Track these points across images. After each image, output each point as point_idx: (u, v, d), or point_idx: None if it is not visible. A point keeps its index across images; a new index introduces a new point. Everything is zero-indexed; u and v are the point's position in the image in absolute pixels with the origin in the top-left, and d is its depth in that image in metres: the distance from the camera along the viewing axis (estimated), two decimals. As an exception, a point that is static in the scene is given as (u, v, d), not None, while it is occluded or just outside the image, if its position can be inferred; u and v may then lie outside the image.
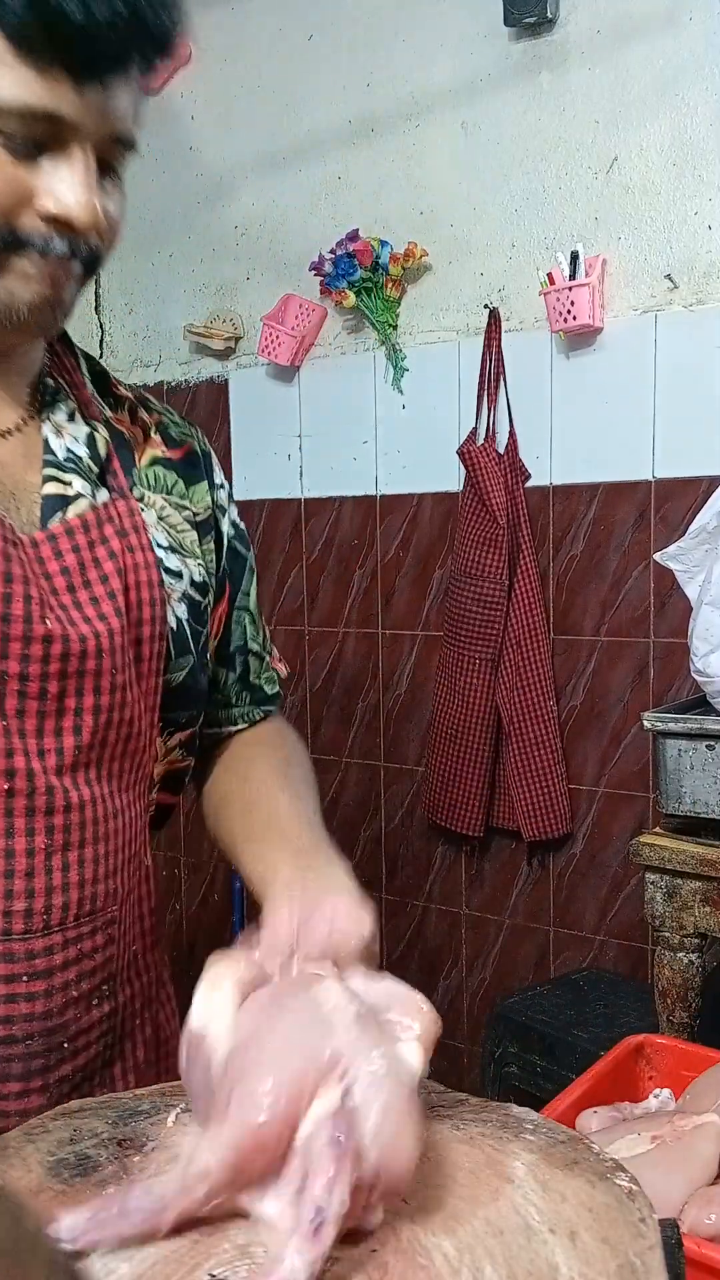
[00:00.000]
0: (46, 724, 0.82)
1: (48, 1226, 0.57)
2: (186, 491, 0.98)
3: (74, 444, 0.89)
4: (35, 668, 0.80)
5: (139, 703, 0.89)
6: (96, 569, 0.85)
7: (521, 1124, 0.75)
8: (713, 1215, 1.03)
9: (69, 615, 0.83)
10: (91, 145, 0.76)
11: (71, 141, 0.75)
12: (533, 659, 2.60)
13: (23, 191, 0.75)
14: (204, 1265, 0.58)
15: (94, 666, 0.84)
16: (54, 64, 0.71)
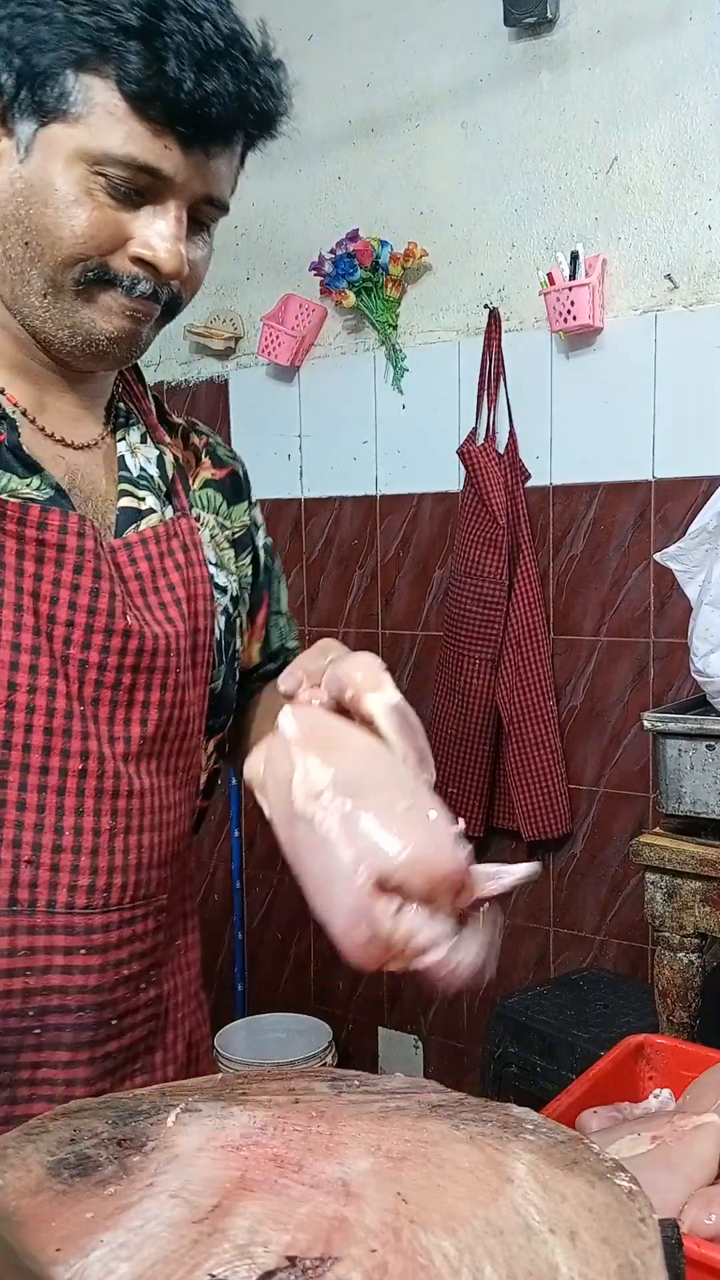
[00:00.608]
0: (117, 713, 0.89)
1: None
2: (229, 511, 1.07)
3: (146, 463, 0.97)
4: (113, 659, 0.88)
5: (195, 704, 0.97)
6: (164, 578, 0.94)
7: (521, 1124, 0.75)
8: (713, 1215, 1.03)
9: (142, 616, 0.91)
10: (187, 201, 0.84)
11: (169, 196, 0.82)
12: (533, 659, 2.60)
13: (120, 234, 0.82)
14: (204, 1265, 0.58)
15: (162, 664, 0.91)
16: (164, 126, 0.79)
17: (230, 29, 0.81)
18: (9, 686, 0.84)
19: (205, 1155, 0.69)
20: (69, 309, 0.85)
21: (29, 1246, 0.57)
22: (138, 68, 0.76)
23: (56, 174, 0.80)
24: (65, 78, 0.78)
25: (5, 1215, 0.59)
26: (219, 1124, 0.73)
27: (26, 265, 0.84)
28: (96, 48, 0.77)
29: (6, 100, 0.80)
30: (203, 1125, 0.73)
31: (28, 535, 0.85)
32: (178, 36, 0.77)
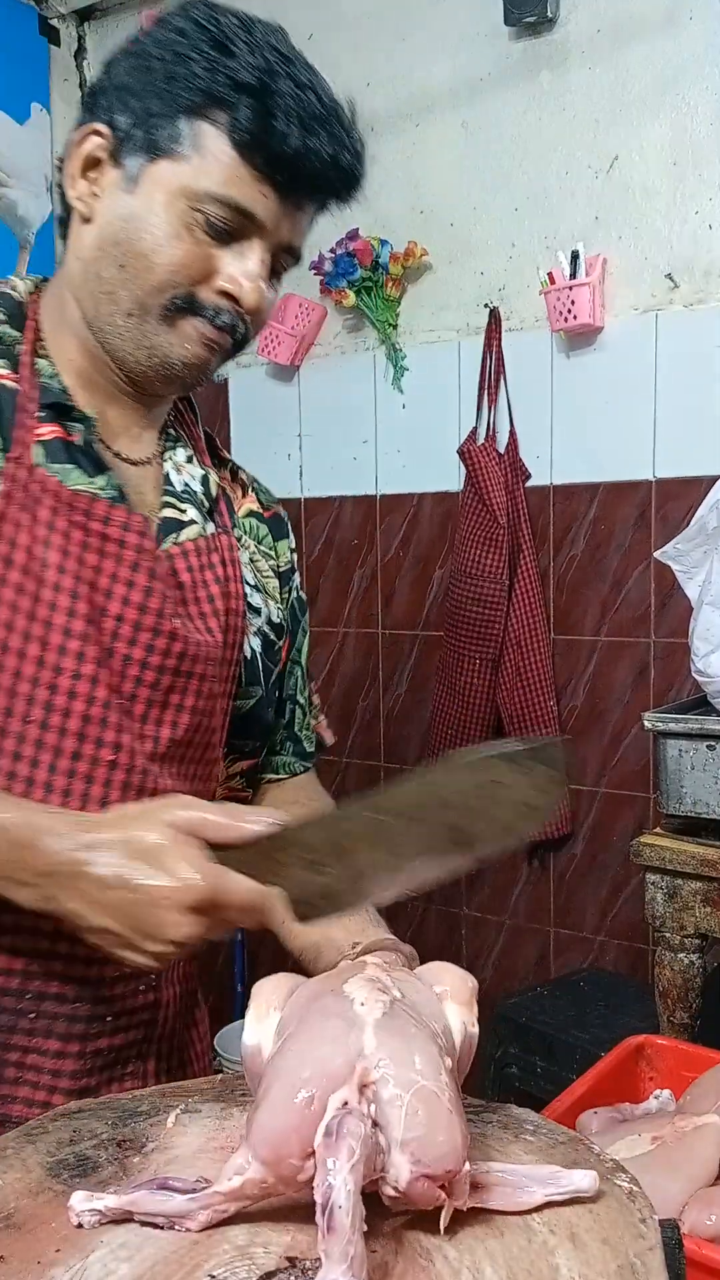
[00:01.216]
0: (151, 712, 0.93)
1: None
2: (274, 545, 1.13)
3: (190, 480, 1.02)
4: (155, 659, 0.92)
5: (219, 716, 1.01)
6: (204, 589, 0.98)
7: (522, 1125, 0.75)
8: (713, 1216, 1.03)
9: (184, 623, 0.95)
10: (271, 246, 0.91)
11: (257, 238, 0.89)
12: (533, 659, 2.59)
13: (209, 268, 0.89)
14: (204, 1265, 0.58)
15: (200, 671, 0.95)
16: (265, 174, 0.87)
17: (331, 100, 0.89)
18: (55, 669, 0.87)
19: (205, 1156, 0.69)
20: (151, 330, 0.90)
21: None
22: (249, 119, 0.84)
23: (159, 206, 0.87)
24: (179, 121, 0.86)
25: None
26: (219, 1125, 0.73)
27: (118, 286, 0.89)
28: (212, 99, 0.85)
29: (120, 137, 0.88)
30: (202, 1127, 0.73)
31: (92, 528, 0.89)
32: (287, 99, 0.85)
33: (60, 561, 0.88)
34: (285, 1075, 0.62)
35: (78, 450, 0.92)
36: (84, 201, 0.91)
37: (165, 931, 0.76)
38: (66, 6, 3.26)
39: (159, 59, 0.87)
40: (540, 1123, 0.76)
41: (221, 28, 0.86)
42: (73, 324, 0.94)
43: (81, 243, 0.92)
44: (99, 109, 0.90)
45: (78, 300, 0.93)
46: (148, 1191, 0.62)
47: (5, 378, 0.90)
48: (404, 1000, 0.66)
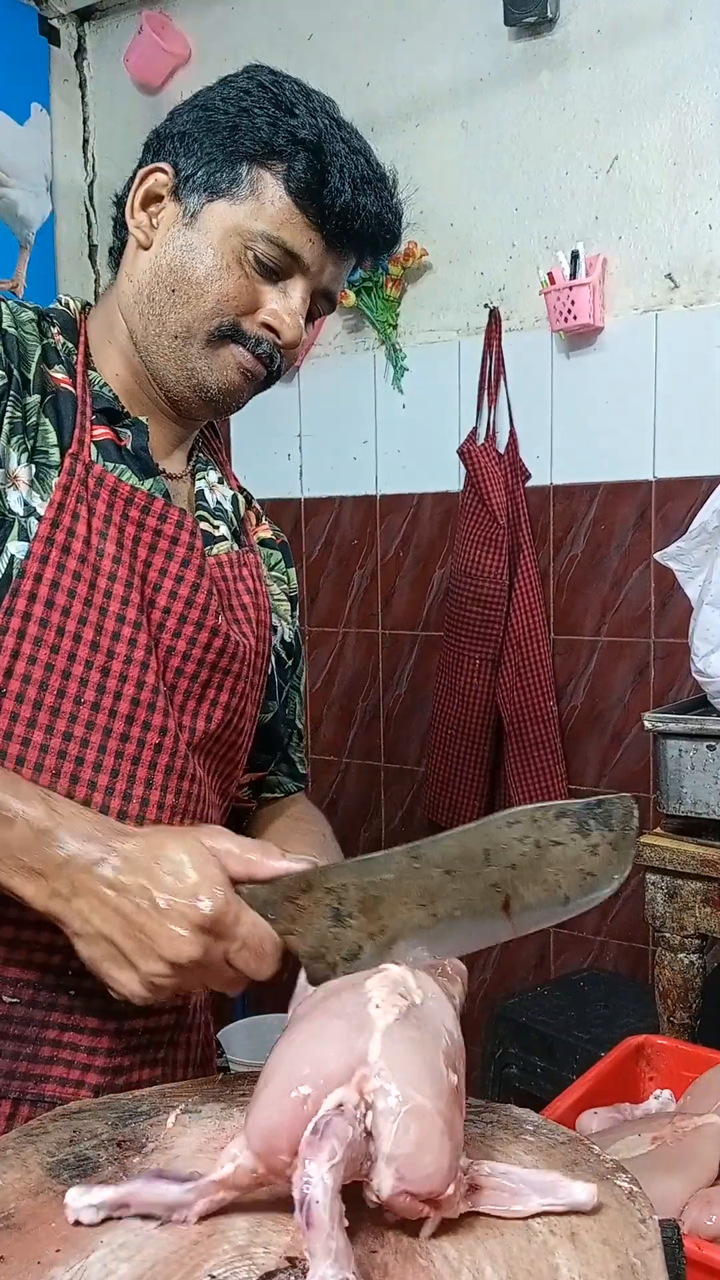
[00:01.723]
0: (188, 704, 0.98)
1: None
2: (285, 570, 1.19)
3: (222, 500, 1.10)
4: (197, 651, 0.97)
5: (249, 719, 1.06)
6: (238, 599, 1.05)
7: (522, 1125, 0.75)
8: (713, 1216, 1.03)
9: (226, 622, 1.00)
10: (311, 288, 0.98)
11: (300, 279, 0.97)
12: (533, 659, 2.59)
13: (254, 302, 0.96)
14: (204, 1266, 0.58)
15: (236, 670, 1.01)
16: (316, 223, 0.95)
17: (379, 166, 1.00)
18: (108, 654, 0.92)
19: (205, 1156, 0.69)
20: (194, 354, 0.97)
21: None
22: (304, 171, 0.94)
23: (214, 241, 0.95)
24: (239, 167, 0.95)
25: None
26: (219, 1125, 0.73)
27: (167, 309, 0.97)
28: (272, 150, 0.94)
29: (182, 178, 0.97)
30: (202, 1126, 0.73)
31: (148, 524, 0.96)
32: (341, 158, 0.95)
33: (116, 552, 0.93)
34: (285, 1069, 0.62)
35: (128, 453, 0.98)
36: (143, 231, 0.98)
37: (164, 947, 0.75)
38: (66, 6, 3.26)
39: (224, 112, 0.96)
40: (540, 1123, 0.76)
41: (284, 90, 0.96)
42: (120, 343, 1.01)
43: (137, 268, 0.99)
44: (163, 151, 0.99)
45: (127, 320, 1.00)
46: (144, 1182, 0.62)
47: (64, 383, 0.96)
48: (421, 1007, 0.65)
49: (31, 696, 0.89)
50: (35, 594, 0.89)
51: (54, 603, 0.90)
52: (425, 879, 0.71)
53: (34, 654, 0.89)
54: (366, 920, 0.72)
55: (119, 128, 3.31)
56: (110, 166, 3.36)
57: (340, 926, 0.73)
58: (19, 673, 0.89)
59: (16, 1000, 0.92)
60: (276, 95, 0.96)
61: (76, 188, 3.36)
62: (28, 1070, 0.92)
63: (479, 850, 0.70)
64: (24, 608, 0.89)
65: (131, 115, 3.27)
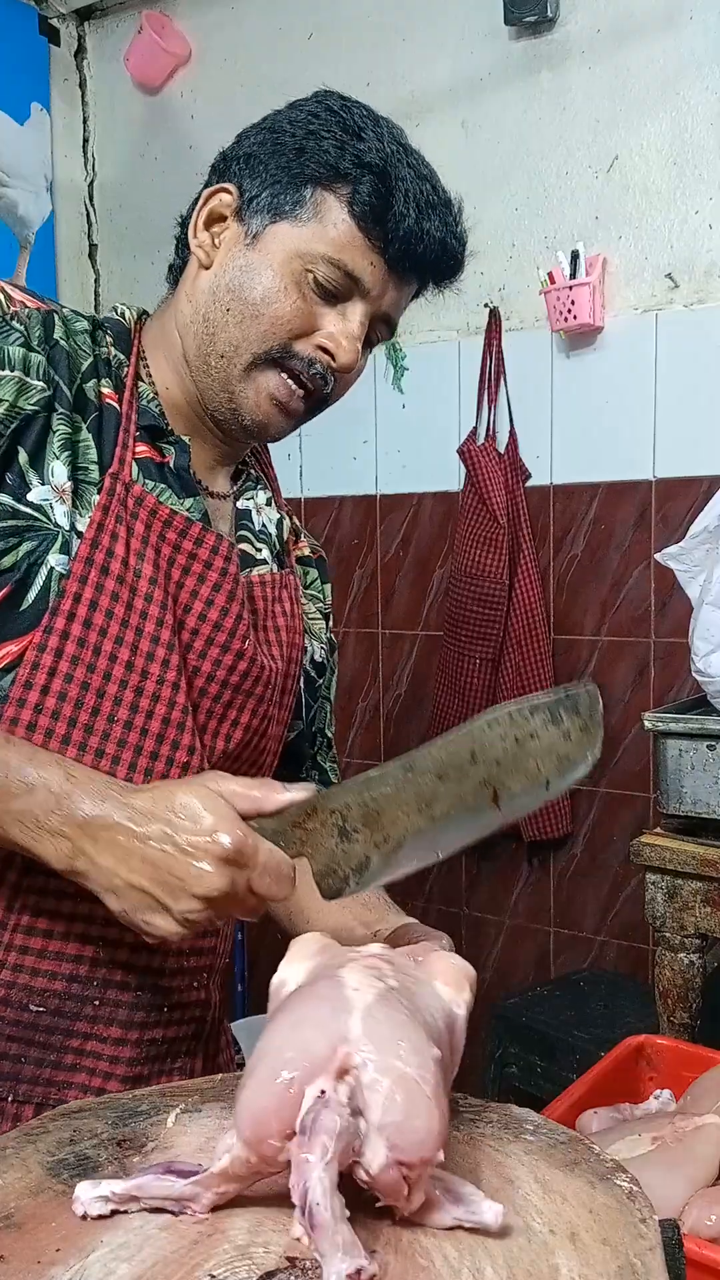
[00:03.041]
0: (210, 723, 0.99)
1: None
2: (321, 587, 1.20)
3: (267, 523, 1.10)
4: (221, 673, 0.99)
5: (273, 740, 1.07)
6: (272, 620, 1.06)
7: (522, 1125, 0.75)
8: (713, 1216, 1.03)
9: (254, 645, 1.02)
10: (370, 313, 0.97)
11: (360, 303, 0.96)
12: (533, 659, 2.59)
13: (310, 324, 0.96)
14: (204, 1265, 0.58)
15: (259, 692, 1.02)
16: (378, 246, 0.94)
17: (445, 193, 0.98)
18: (141, 673, 0.93)
19: (205, 1156, 0.69)
20: (235, 376, 0.97)
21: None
22: (369, 194, 0.93)
23: (275, 263, 0.94)
24: (304, 189, 0.94)
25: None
26: (219, 1125, 0.73)
27: (219, 328, 0.97)
28: (338, 173, 0.93)
29: (247, 199, 0.96)
30: (203, 1126, 0.73)
31: (184, 547, 0.97)
32: (407, 183, 0.93)
33: (152, 573, 0.94)
34: (269, 1056, 0.62)
35: (169, 472, 0.98)
36: (204, 250, 0.98)
37: (193, 884, 0.78)
38: (66, 6, 3.26)
39: (291, 134, 0.96)
40: (540, 1123, 0.76)
41: (353, 116, 0.95)
42: (172, 357, 1.01)
43: (196, 286, 0.99)
44: (228, 172, 0.99)
45: (182, 337, 1.00)
46: (153, 1176, 0.62)
47: (110, 398, 0.97)
48: (400, 990, 0.66)
49: (67, 713, 0.91)
50: (74, 613, 0.91)
51: (92, 622, 0.91)
52: (420, 786, 0.78)
53: (71, 672, 0.91)
54: (370, 832, 0.79)
55: (119, 128, 3.31)
56: (110, 166, 3.36)
57: (347, 842, 0.80)
58: (56, 690, 0.90)
59: (43, 1009, 0.93)
60: (344, 119, 0.95)
61: (76, 188, 3.36)
62: (50, 1077, 0.94)
63: (466, 752, 0.77)
64: (63, 626, 0.90)
65: (131, 115, 3.27)
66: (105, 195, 3.39)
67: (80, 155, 3.38)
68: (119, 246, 3.37)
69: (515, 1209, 0.64)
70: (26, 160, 3.15)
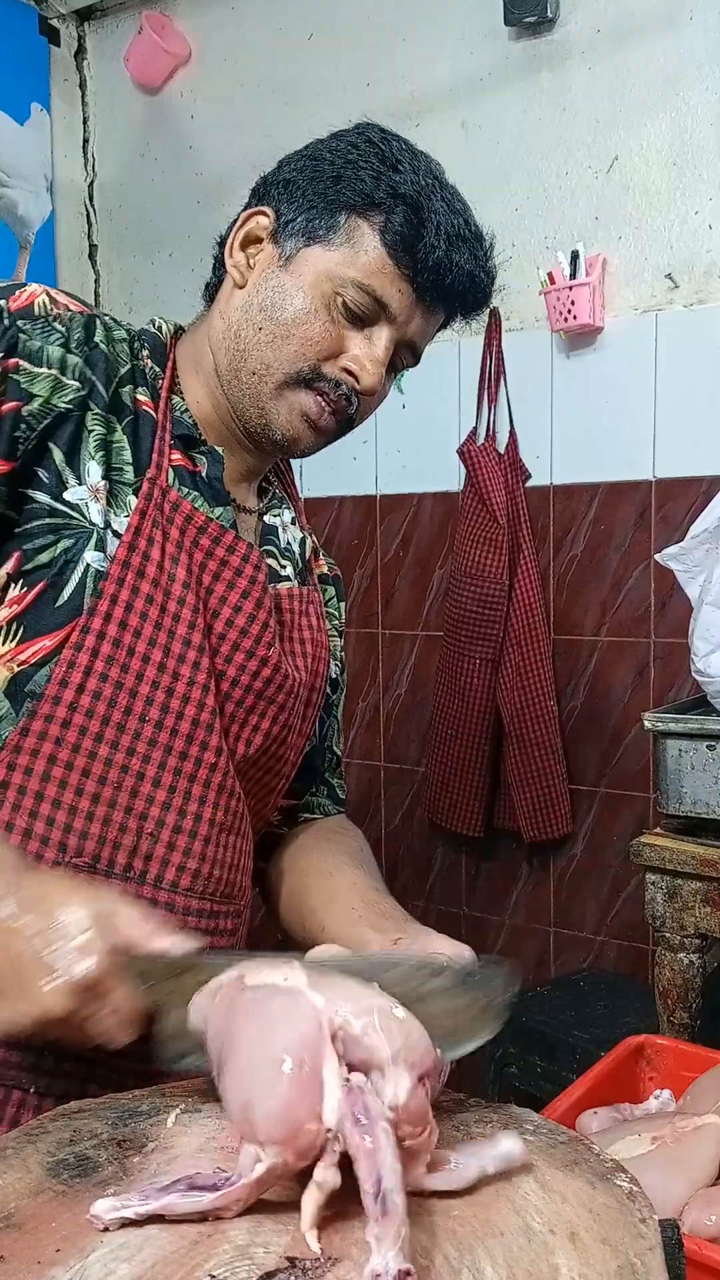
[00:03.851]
0: (232, 726, 1.01)
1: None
2: (338, 605, 1.23)
3: (292, 540, 1.13)
4: (245, 678, 1.01)
5: (292, 749, 1.10)
6: (299, 633, 1.09)
7: (521, 1124, 0.75)
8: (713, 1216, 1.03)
9: (279, 654, 1.04)
10: (396, 338, 1.00)
11: (385, 327, 0.99)
12: (533, 659, 2.59)
13: (338, 347, 0.99)
14: (204, 1266, 0.58)
15: (281, 700, 1.04)
16: (407, 274, 0.97)
17: (477, 228, 1.01)
18: (173, 675, 0.96)
19: (205, 1156, 0.69)
20: (267, 394, 1.00)
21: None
22: (401, 224, 0.95)
23: (306, 285, 0.97)
24: (338, 216, 0.97)
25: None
26: (219, 1125, 0.73)
27: (251, 346, 0.99)
28: (372, 202, 0.96)
29: (282, 222, 0.99)
30: (203, 1126, 0.73)
31: (216, 553, 0.99)
32: (439, 215, 0.96)
33: (186, 578, 0.97)
34: (260, 1063, 0.63)
35: (201, 481, 1.01)
36: (239, 270, 1.02)
37: (35, 996, 0.73)
38: (66, 6, 3.26)
39: (330, 163, 0.99)
40: (540, 1122, 0.76)
41: (391, 148, 0.98)
42: (205, 372, 1.04)
43: (230, 304, 1.02)
44: (267, 196, 1.02)
45: (214, 354, 1.03)
46: (179, 1195, 0.62)
47: (147, 405, 0.99)
48: (308, 964, 0.69)
49: (100, 712, 0.93)
50: (110, 614, 0.93)
51: (127, 624, 0.94)
52: None
53: (105, 671, 0.93)
54: None
55: (119, 128, 3.31)
56: (110, 166, 3.36)
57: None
58: (90, 688, 0.92)
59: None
60: (383, 151, 0.98)
61: (76, 188, 3.36)
62: (71, 1071, 0.93)
63: (360, 978, 0.69)
64: (99, 627, 0.93)
65: (131, 115, 3.27)
66: (105, 195, 3.39)
67: (80, 155, 3.38)
68: (119, 246, 3.37)
69: (515, 1209, 0.64)
70: (26, 160, 3.15)
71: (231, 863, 1.02)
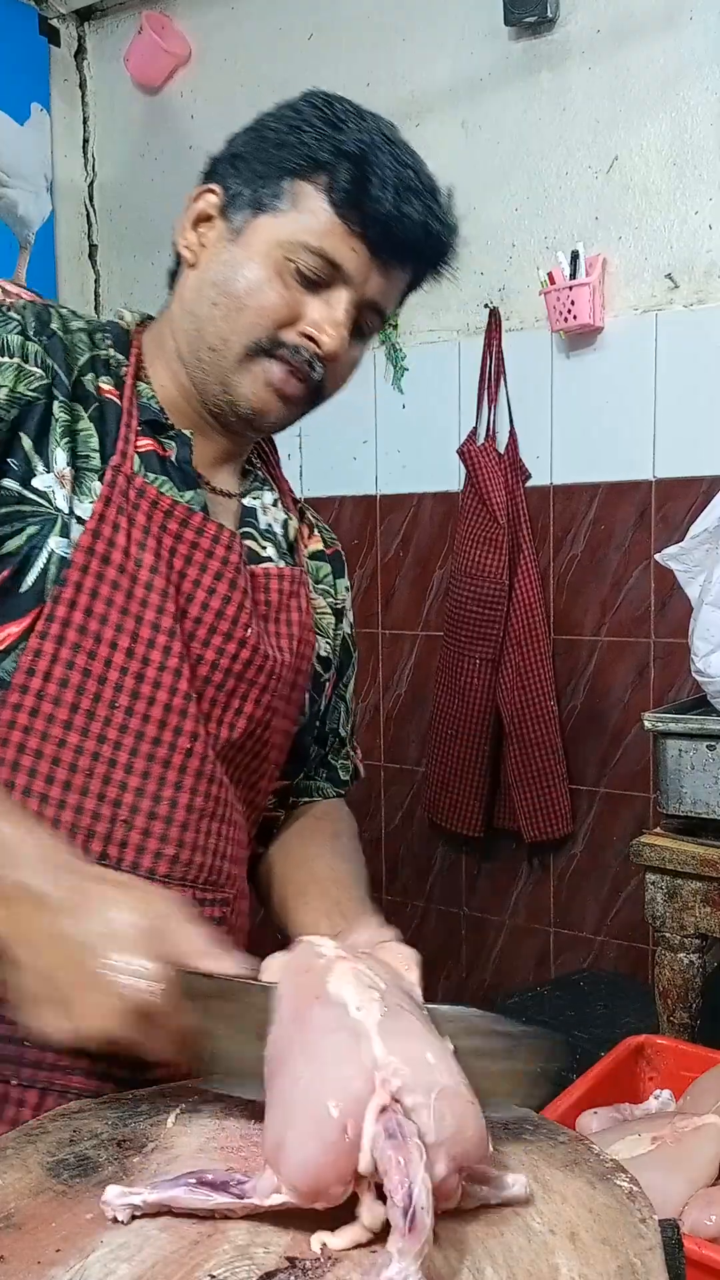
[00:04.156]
0: (214, 711, 1.00)
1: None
2: (333, 583, 1.19)
3: (273, 523, 1.11)
4: (225, 661, 0.99)
5: (278, 733, 1.07)
6: (286, 614, 1.07)
7: (522, 1125, 0.75)
8: (713, 1216, 1.03)
9: (262, 635, 1.03)
10: (356, 299, 0.97)
11: (344, 290, 0.97)
12: (533, 659, 2.59)
13: (294, 313, 0.96)
14: (204, 1266, 0.58)
15: (262, 682, 1.02)
16: (358, 231, 0.94)
17: (430, 179, 0.98)
18: (143, 660, 0.94)
19: (205, 1156, 0.69)
20: (228, 368, 0.98)
21: None
22: (347, 181, 0.93)
23: (257, 255, 0.96)
24: (283, 182, 0.95)
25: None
26: (219, 1125, 0.73)
27: (206, 322, 0.98)
28: (316, 163, 0.94)
29: (230, 196, 0.98)
30: (203, 1126, 0.73)
31: (186, 536, 0.98)
32: (386, 169, 0.93)
33: (153, 563, 0.95)
34: (308, 1102, 0.60)
35: (171, 465, 1.00)
36: (191, 250, 1.00)
37: (91, 1014, 0.71)
38: (66, 6, 3.26)
39: (273, 130, 0.97)
40: (540, 1122, 0.76)
41: (335, 111, 0.96)
42: (169, 358, 1.02)
43: (185, 286, 1.01)
44: (215, 173, 1.01)
45: (174, 337, 1.02)
46: (186, 1190, 0.62)
47: (110, 393, 0.98)
48: (390, 989, 0.66)
49: (69, 700, 0.92)
50: (76, 602, 0.92)
51: (93, 611, 0.93)
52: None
53: (72, 659, 0.92)
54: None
55: (119, 128, 3.31)
56: (110, 166, 3.36)
57: (253, 1041, 0.69)
58: (57, 676, 0.92)
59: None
60: (326, 114, 0.96)
61: (76, 188, 3.36)
62: (55, 1062, 0.91)
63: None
64: (65, 615, 0.92)
65: (131, 115, 3.27)
66: (105, 195, 3.39)
67: (80, 155, 3.38)
68: (119, 246, 3.37)
69: (515, 1209, 0.64)
70: (26, 160, 3.15)
71: (215, 849, 1.00)
